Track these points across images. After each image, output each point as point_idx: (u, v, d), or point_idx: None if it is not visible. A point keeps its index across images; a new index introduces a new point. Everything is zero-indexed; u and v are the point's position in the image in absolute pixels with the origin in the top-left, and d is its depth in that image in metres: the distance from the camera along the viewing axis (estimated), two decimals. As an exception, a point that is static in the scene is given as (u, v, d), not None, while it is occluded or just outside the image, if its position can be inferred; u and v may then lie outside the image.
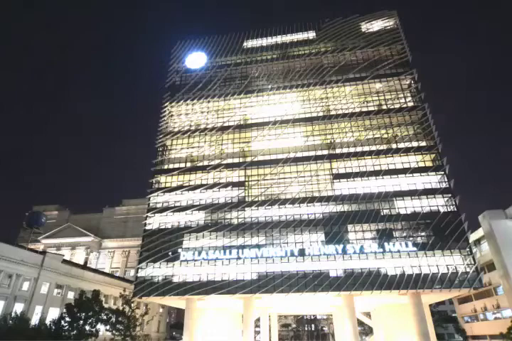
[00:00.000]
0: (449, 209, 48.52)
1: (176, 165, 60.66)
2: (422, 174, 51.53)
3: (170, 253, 52.31)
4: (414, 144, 53.83)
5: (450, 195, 49.21)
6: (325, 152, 56.26)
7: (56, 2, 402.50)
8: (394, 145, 54.57)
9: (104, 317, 51.38)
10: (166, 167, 61.38)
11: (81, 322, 48.51)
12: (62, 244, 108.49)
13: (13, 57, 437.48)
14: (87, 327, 49.07)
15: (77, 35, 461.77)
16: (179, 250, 52.26)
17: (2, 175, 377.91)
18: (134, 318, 54.20)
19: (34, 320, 52.65)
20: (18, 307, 52.95)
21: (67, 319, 48.52)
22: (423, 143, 53.83)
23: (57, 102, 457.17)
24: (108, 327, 52.87)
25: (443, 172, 50.95)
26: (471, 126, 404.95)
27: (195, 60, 72.04)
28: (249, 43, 72.62)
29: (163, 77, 71.57)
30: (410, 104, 58.19)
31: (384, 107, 58.22)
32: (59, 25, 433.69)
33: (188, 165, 60.30)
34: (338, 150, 55.84)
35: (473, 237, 56.65)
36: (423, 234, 47.69)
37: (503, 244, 53.73)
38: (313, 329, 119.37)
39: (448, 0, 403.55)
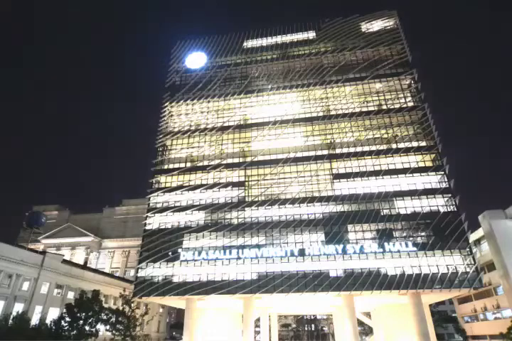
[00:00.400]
0: (449, 209, 48.54)
1: (176, 165, 60.69)
2: (422, 174, 51.56)
3: (170, 253, 52.35)
4: (414, 144, 53.87)
5: (450, 195, 49.24)
6: (325, 152, 56.30)
7: (53, 1, 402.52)
8: (394, 145, 54.61)
9: (104, 317, 51.47)
10: (166, 167, 61.42)
11: (81, 322, 48.62)
12: (62, 244, 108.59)
13: (15, 58, 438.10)
14: (87, 327, 49.19)
15: (76, 34, 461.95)
16: (179, 250, 52.29)
17: (2, 175, 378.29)
18: (134, 318, 54.26)
19: (34, 320, 52.70)
20: (18, 307, 53.01)
21: (67, 319, 48.63)
22: (423, 143, 53.87)
23: (57, 102, 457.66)
24: (108, 327, 52.96)
25: (443, 173, 50.99)
26: (471, 126, 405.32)
27: (195, 60, 72.09)
28: (249, 43, 72.66)
29: (163, 77, 71.74)
30: (410, 104, 58.22)
31: (384, 107, 58.25)
32: (58, 24, 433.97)
33: (188, 165, 60.33)
34: (338, 150, 55.87)
35: (473, 237, 56.64)
36: (423, 234, 47.72)
37: (503, 244, 53.73)
38: (313, 329, 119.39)
39: (448, 0, 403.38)
